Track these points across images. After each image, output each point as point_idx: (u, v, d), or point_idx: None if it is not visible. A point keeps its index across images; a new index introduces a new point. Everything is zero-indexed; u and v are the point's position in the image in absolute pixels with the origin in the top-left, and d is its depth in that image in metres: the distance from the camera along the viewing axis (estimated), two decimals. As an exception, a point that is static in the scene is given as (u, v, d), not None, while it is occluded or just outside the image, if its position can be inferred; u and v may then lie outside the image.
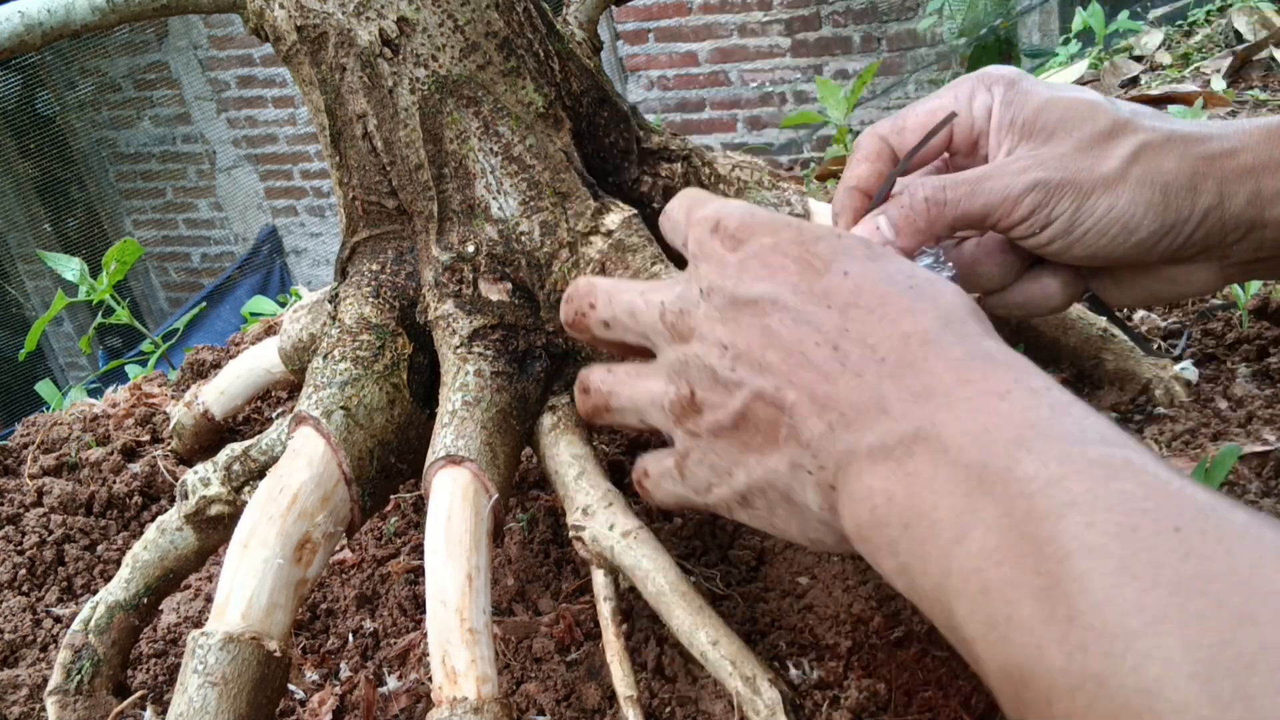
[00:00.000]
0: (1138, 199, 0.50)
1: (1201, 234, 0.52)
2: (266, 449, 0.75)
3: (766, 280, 0.45)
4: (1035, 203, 0.51)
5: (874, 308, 0.43)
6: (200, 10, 0.73)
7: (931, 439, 0.39)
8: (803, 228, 0.48)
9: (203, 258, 5.13)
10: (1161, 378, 0.81)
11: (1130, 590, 0.31)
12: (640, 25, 4.13)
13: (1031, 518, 0.34)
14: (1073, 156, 0.51)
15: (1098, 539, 0.32)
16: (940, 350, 0.41)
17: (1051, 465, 0.35)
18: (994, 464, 0.36)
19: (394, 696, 0.74)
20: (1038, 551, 0.33)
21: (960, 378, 0.40)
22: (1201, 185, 0.51)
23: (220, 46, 4.61)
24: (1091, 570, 0.32)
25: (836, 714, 0.61)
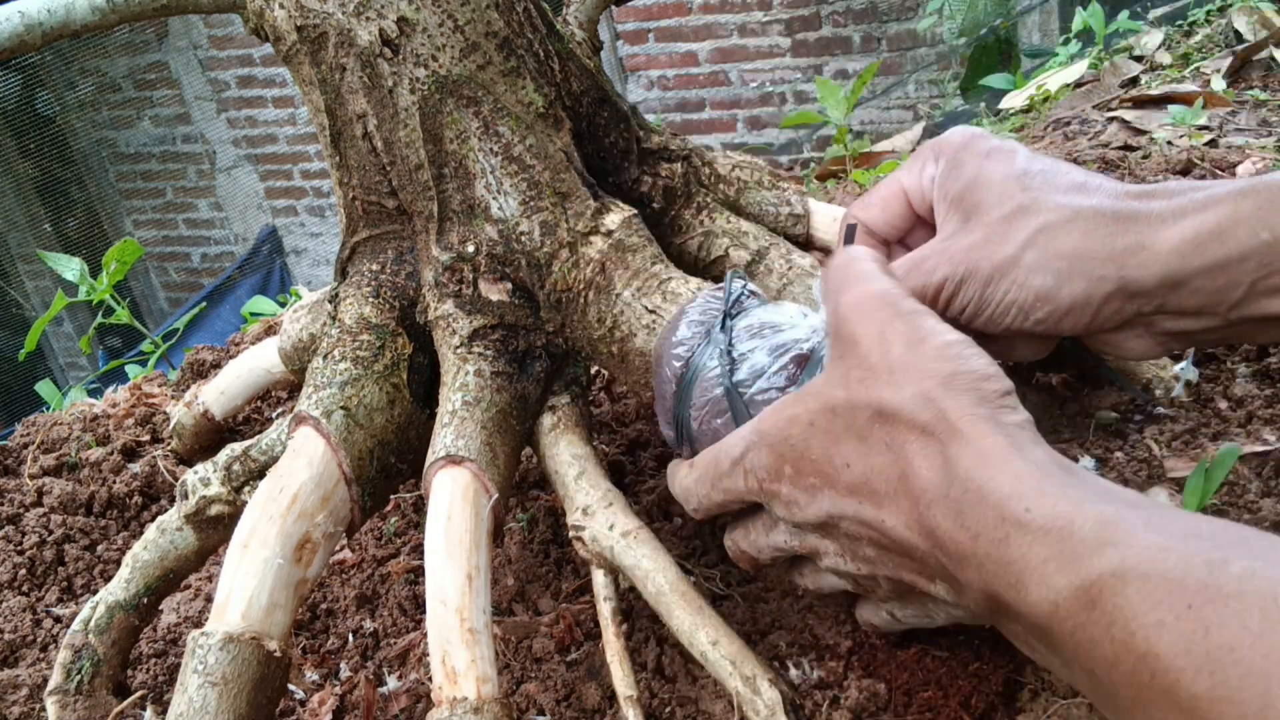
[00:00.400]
0: (1030, 282, 0.54)
1: (1109, 312, 0.54)
2: (266, 449, 0.75)
3: (813, 504, 0.51)
4: (948, 294, 0.57)
5: (884, 490, 0.48)
6: (200, 10, 0.73)
7: (999, 597, 0.43)
8: (791, 439, 0.52)
9: (203, 258, 5.13)
10: (1161, 378, 0.81)
11: (1184, 683, 0.35)
12: (640, 25, 4.13)
13: (1097, 647, 0.39)
14: (979, 245, 0.56)
15: (1149, 646, 0.36)
16: (939, 512, 0.45)
17: (1078, 596, 0.39)
18: (1060, 612, 0.40)
19: (394, 696, 0.74)
20: (1121, 676, 0.38)
21: (968, 534, 0.43)
22: (1096, 268, 0.53)
23: (220, 46, 4.61)
24: (1156, 673, 0.36)
25: (836, 714, 0.61)
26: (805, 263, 0.78)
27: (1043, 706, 0.59)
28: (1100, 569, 0.38)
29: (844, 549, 0.52)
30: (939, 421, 0.46)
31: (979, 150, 0.58)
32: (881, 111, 3.93)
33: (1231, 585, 0.35)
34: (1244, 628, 0.34)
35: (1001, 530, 0.41)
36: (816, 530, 0.53)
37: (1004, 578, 0.41)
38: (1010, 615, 0.43)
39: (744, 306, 0.62)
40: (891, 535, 0.48)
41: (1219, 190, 0.52)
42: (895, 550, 0.48)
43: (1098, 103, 1.45)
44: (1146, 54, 1.62)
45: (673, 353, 0.62)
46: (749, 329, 0.60)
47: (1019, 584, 0.40)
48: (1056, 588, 0.39)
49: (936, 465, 0.45)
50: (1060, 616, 0.39)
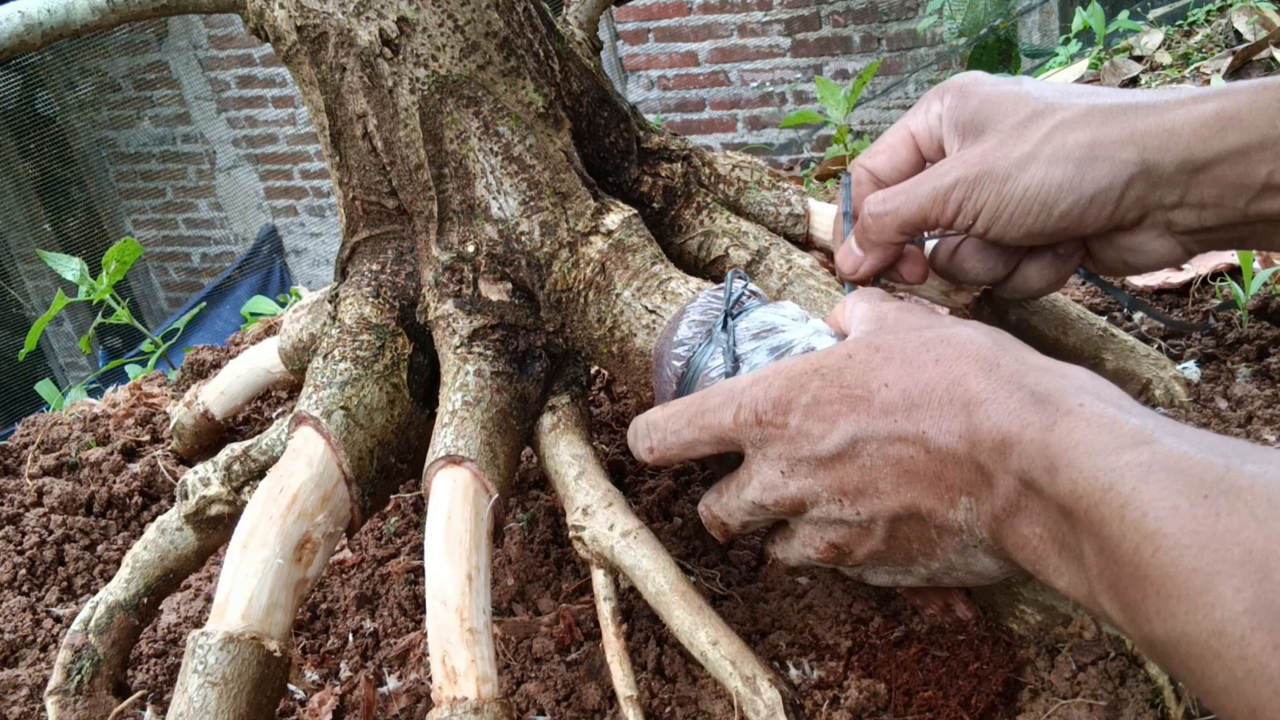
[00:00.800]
0: (1051, 174, 0.54)
1: (1131, 199, 0.54)
2: (266, 449, 0.75)
3: (833, 431, 0.51)
4: (960, 197, 0.56)
5: (928, 399, 0.48)
6: (200, 10, 0.73)
7: (1030, 483, 0.44)
8: (822, 369, 0.52)
9: (203, 258, 5.13)
10: (1161, 378, 0.81)
11: (1186, 559, 0.37)
12: (640, 25, 4.13)
13: (1106, 525, 0.40)
14: (994, 149, 0.55)
15: (1159, 525, 0.38)
16: (994, 406, 0.46)
17: (1101, 476, 0.40)
18: (1078, 489, 0.41)
19: (394, 696, 0.74)
20: (1124, 554, 0.40)
21: (1020, 422, 0.44)
22: (1117, 153, 0.53)
23: (220, 46, 4.61)
24: (1159, 549, 0.38)
25: (836, 714, 0.61)
26: (805, 263, 0.78)
27: (1043, 706, 0.59)
28: (1130, 459, 0.40)
29: (850, 486, 0.51)
30: (999, 351, 0.48)
31: (986, 81, 0.59)
32: (881, 111, 3.93)
33: (1244, 481, 0.37)
34: (1251, 514, 0.36)
35: (1051, 418, 0.43)
36: (822, 468, 0.52)
37: (1040, 461, 0.43)
38: (1036, 504, 0.44)
39: (744, 306, 0.62)
40: (931, 445, 0.48)
41: (1235, 84, 0.53)
42: (924, 467, 0.49)
43: (1098, 103, 1.45)
44: (1146, 54, 1.62)
45: (673, 353, 0.62)
46: (749, 329, 0.60)
47: (1051, 466, 0.42)
48: (1084, 470, 0.41)
49: (987, 377, 0.47)
50: (1078, 494, 0.41)
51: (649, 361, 0.68)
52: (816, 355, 0.53)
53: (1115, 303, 0.98)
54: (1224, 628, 0.36)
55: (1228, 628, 0.35)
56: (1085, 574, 0.42)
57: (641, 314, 0.68)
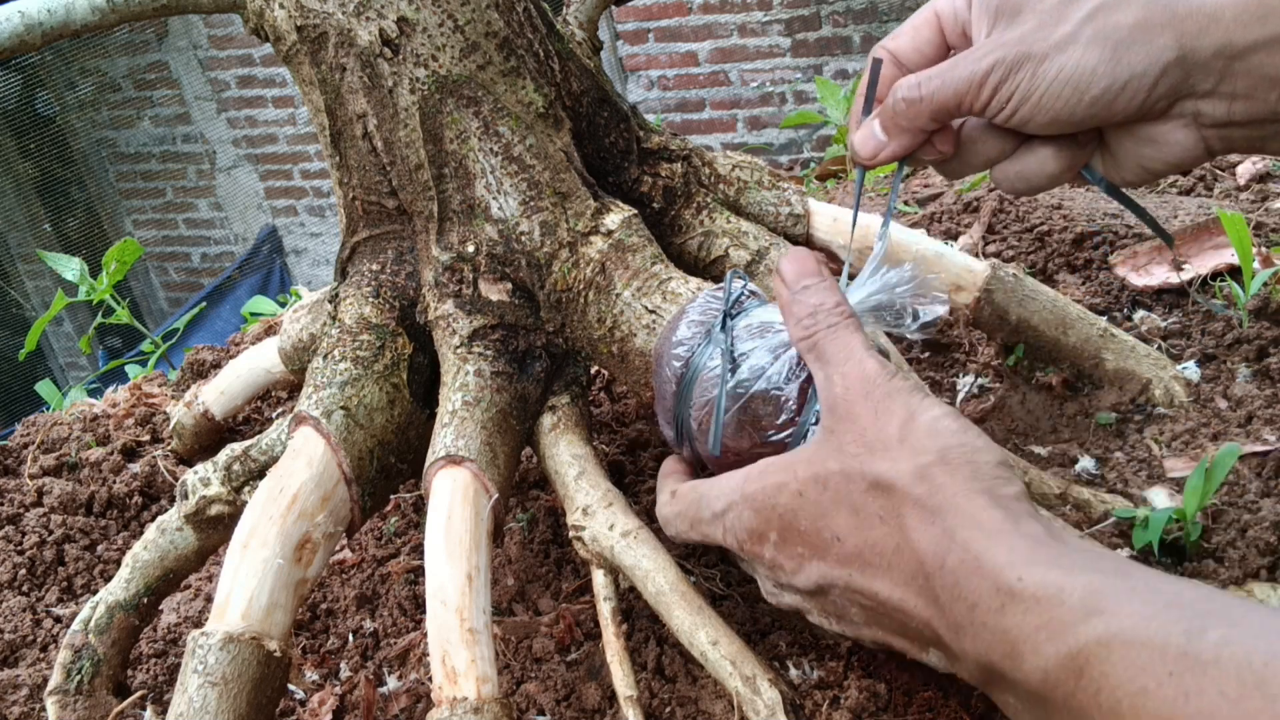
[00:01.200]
0: (1087, 57, 0.52)
1: (1164, 87, 0.53)
2: (266, 449, 0.75)
3: (800, 572, 0.52)
4: (997, 81, 0.54)
5: (879, 562, 0.48)
6: (200, 10, 0.73)
7: (995, 666, 0.44)
8: (779, 507, 0.52)
9: (203, 258, 5.13)
10: (1161, 378, 0.81)
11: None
12: (640, 25, 4.13)
13: (1086, 713, 0.40)
14: (1032, 31, 0.54)
15: (1135, 716, 0.38)
16: (937, 582, 0.46)
17: (1068, 664, 0.40)
18: (1050, 679, 0.41)
19: (394, 696, 0.74)
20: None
21: (968, 604, 0.44)
22: (1156, 37, 0.52)
23: (220, 46, 4.61)
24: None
25: (836, 714, 0.61)
26: (805, 263, 0.78)
27: (1043, 706, 0.59)
28: (1087, 637, 0.39)
29: (830, 611, 0.53)
30: (936, 494, 0.47)
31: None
32: (881, 111, 3.92)
33: (1209, 653, 0.36)
34: (1221, 694, 0.35)
35: (997, 600, 0.42)
36: (801, 595, 0.53)
37: (999, 647, 0.42)
38: (1006, 685, 0.44)
39: (744, 306, 0.62)
40: (887, 604, 0.48)
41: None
42: (888, 617, 0.49)
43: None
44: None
45: (673, 353, 0.62)
46: (749, 329, 0.60)
47: (1014, 653, 0.42)
48: (1047, 655, 0.40)
49: (934, 536, 0.46)
50: (1051, 684, 0.40)
51: (649, 361, 0.68)
52: (774, 485, 0.53)
53: (1115, 303, 0.98)
54: None
55: None
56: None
57: (641, 314, 0.68)
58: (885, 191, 1.39)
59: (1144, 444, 0.78)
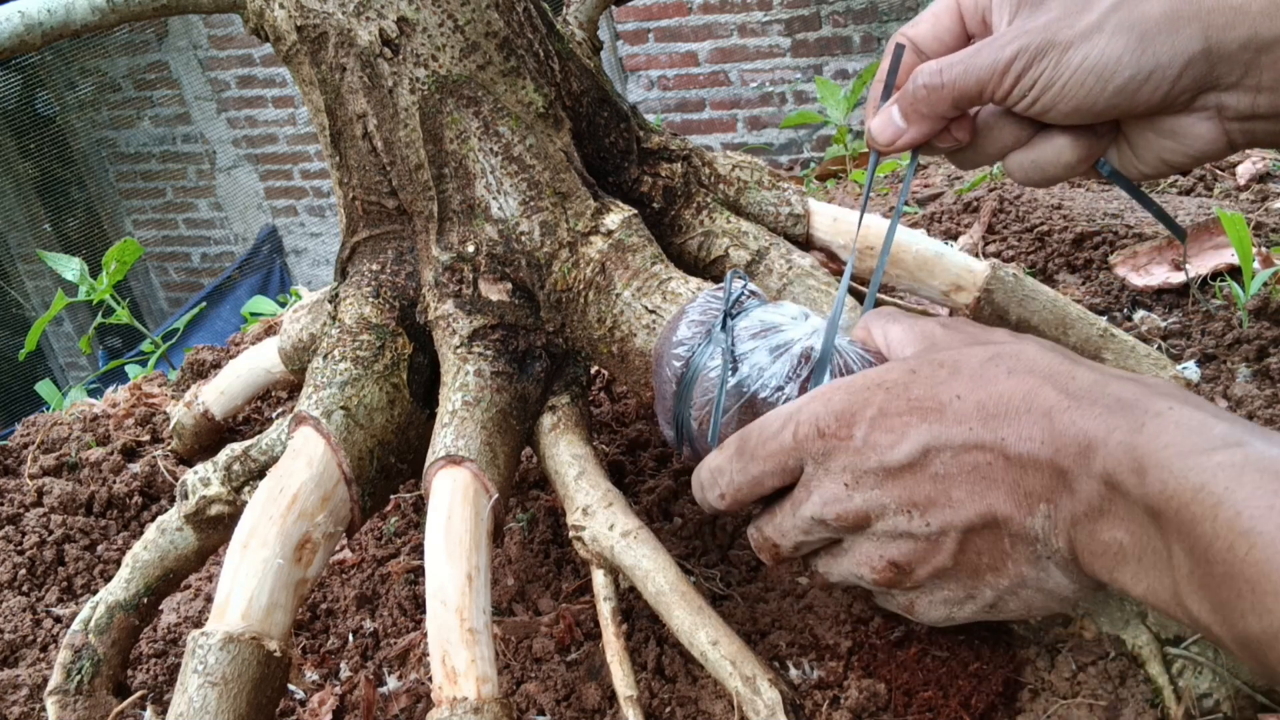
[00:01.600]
0: (1112, 46, 0.52)
1: (1188, 79, 0.53)
2: (266, 449, 0.75)
3: (903, 441, 0.49)
4: (1020, 69, 0.54)
5: (1005, 409, 0.48)
6: (200, 10, 0.73)
7: (1115, 486, 0.44)
8: (885, 383, 0.51)
9: (203, 258, 5.13)
10: (1161, 378, 0.81)
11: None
12: (640, 25, 4.13)
13: (1198, 525, 0.40)
14: (1057, 20, 0.54)
15: (1253, 524, 0.38)
16: (1077, 411, 0.45)
17: (1192, 476, 0.40)
18: (1168, 489, 0.41)
19: (394, 696, 0.74)
20: (1216, 553, 0.40)
21: (1106, 426, 0.44)
22: (1183, 28, 0.52)
23: (220, 46, 4.61)
24: (1255, 546, 0.38)
25: (836, 714, 0.61)
26: (805, 263, 0.78)
27: (1043, 706, 0.59)
28: (1222, 460, 0.40)
29: (920, 495, 0.50)
30: (1066, 363, 0.48)
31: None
32: (881, 111, 3.91)
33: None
34: None
35: (1138, 420, 0.43)
36: (890, 479, 0.50)
37: (1127, 463, 0.42)
38: (1121, 508, 0.44)
39: (744, 306, 0.62)
40: (1010, 451, 0.47)
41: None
42: (1002, 474, 0.48)
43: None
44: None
45: (673, 353, 0.62)
46: (749, 329, 0.60)
47: (1140, 468, 0.42)
48: (1175, 470, 0.41)
49: (1065, 386, 0.47)
50: (1168, 494, 0.41)
51: (649, 361, 0.68)
52: (876, 371, 0.52)
53: (1115, 303, 0.98)
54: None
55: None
56: (1171, 576, 0.42)
57: (641, 314, 0.68)
58: (885, 191, 1.39)
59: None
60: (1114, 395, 0.45)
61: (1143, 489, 0.42)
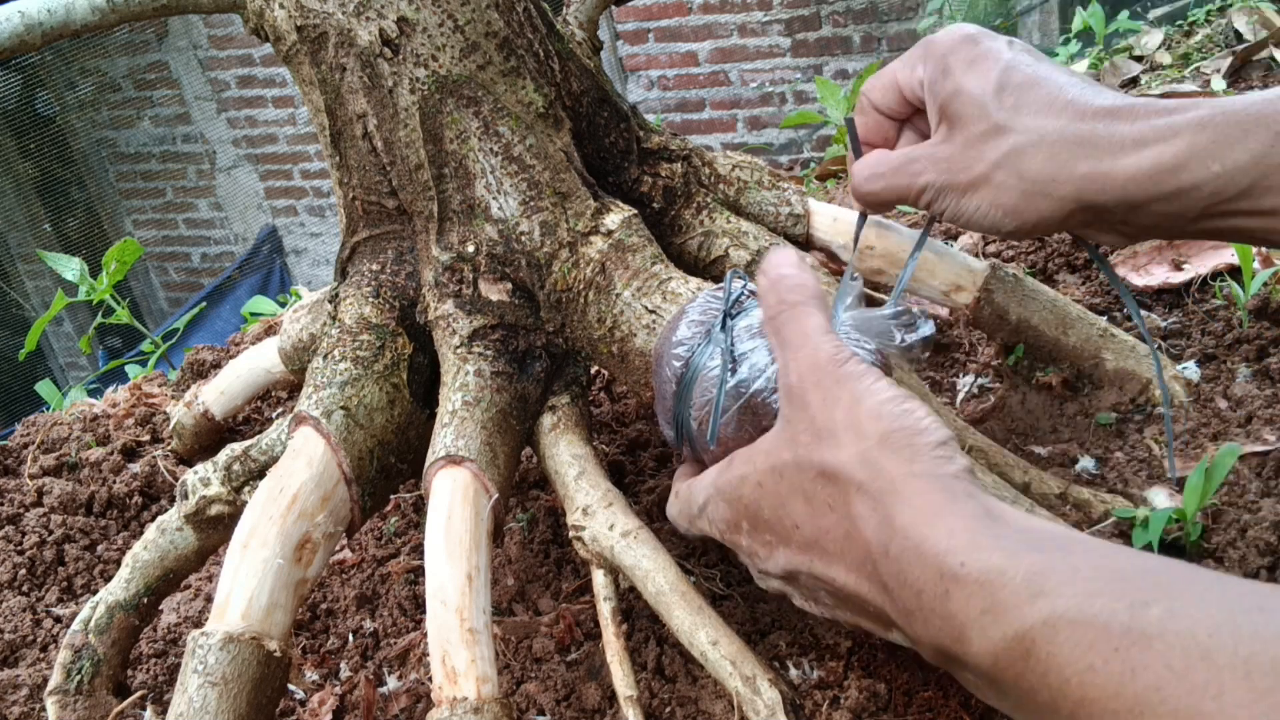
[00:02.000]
0: (999, 198, 0.59)
1: (1073, 224, 0.59)
2: (266, 449, 0.75)
3: (773, 558, 0.53)
4: (929, 198, 0.62)
5: (835, 549, 0.49)
6: (200, 10, 0.73)
7: (947, 650, 0.44)
8: (744, 499, 0.54)
9: (203, 258, 5.13)
10: (1161, 378, 0.81)
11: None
12: (640, 25, 4.13)
13: (1035, 694, 0.40)
14: (958, 157, 0.60)
15: (1083, 691, 0.38)
16: (883, 569, 0.46)
17: (1014, 646, 0.40)
18: (996, 662, 0.42)
19: (394, 696, 0.74)
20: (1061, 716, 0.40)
21: (914, 590, 0.45)
22: (1059, 189, 0.57)
23: (220, 46, 4.61)
24: (1091, 715, 0.38)
25: (836, 714, 0.61)
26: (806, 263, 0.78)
27: (1043, 706, 0.59)
28: (1032, 619, 0.39)
29: (805, 595, 0.54)
30: (877, 479, 0.47)
31: (965, 57, 0.61)
32: (881, 111, 3.91)
33: (1154, 627, 0.37)
34: (1168, 667, 0.35)
35: (941, 586, 0.43)
36: (779, 579, 0.55)
37: (948, 631, 0.43)
38: (960, 665, 0.44)
39: (744, 306, 0.62)
40: (844, 590, 0.49)
41: (1179, 120, 0.54)
42: (850, 601, 0.50)
43: (1098, 103, 1.45)
44: (1146, 54, 1.62)
45: (673, 353, 0.62)
46: (749, 329, 0.60)
47: (961, 637, 0.42)
48: (994, 638, 0.41)
49: (876, 523, 0.47)
50: (1001, 666, 0.41)
51: (649, 361, 0.68)
52: (738, 475, 0.54)
53: (1115, 303, 0.98)
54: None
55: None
56: (1025, 713, 0.43)
57: (641, 314, 0.68)
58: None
59: (1144, 444, 0.78)
60: (916, 544, 0.45)
61: (970, 656, 0.42)
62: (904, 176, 0.62)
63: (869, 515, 0.47)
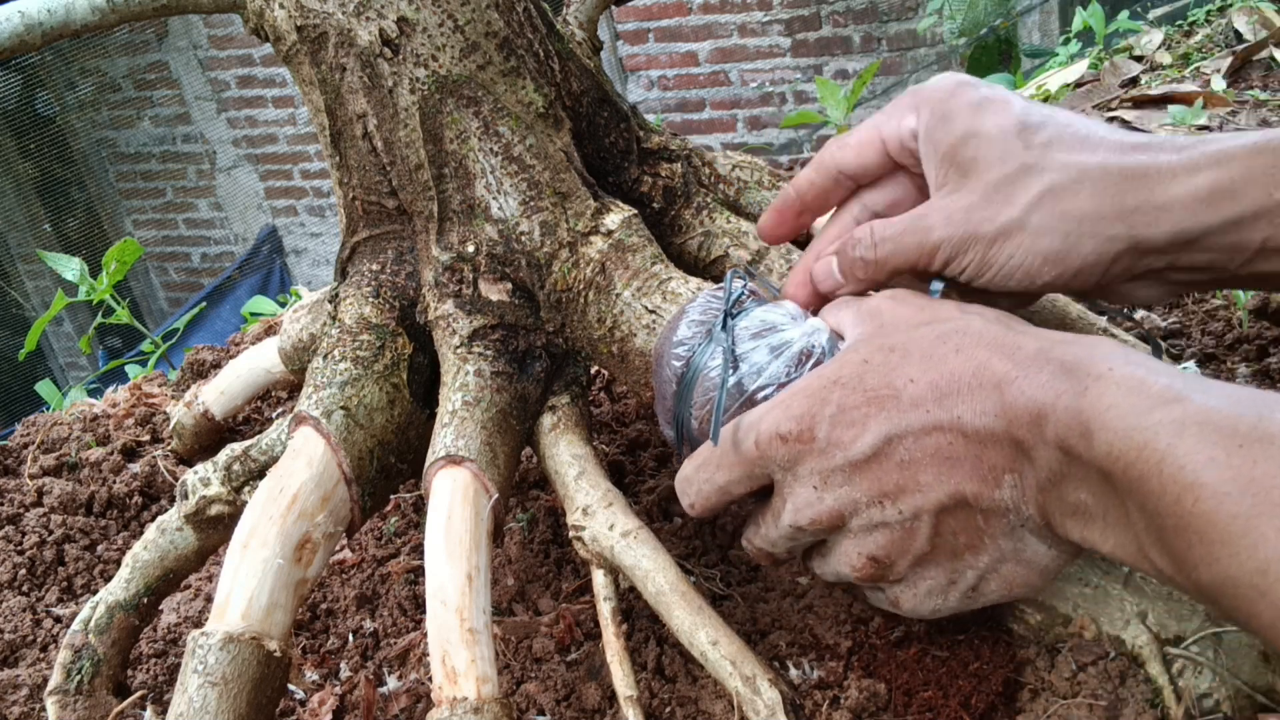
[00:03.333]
0: (1037, 245, 0.53)
1: (1118, 269, 0.53)
2: (266, 449, 0.75)
3: (864, 434, 0.50)
4: (946, 256, 0.55)
5: (957, 388, 0.48)
6: (200, 10, 0.73)
7: (1069, 450, 0.44)
8: (840, 379, 0.51)
9: (203, 258, 5.13)
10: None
11: (1227, 505, 0.39)
12: (640, 25, 4.13)
13: (1145, 482, 0.42)
14: (980, 205, 0.54)
15: (1196, 476, 0.40)
16: (1025, 381, 0.46)
17: (1135, 436, 0.42)
18: (1115, 450, 0.42)
19: (394, 696, 0.74)
20: (1165, 506, 0.41)
21: (1052, 392, 0.45)
22: (1108, 228, 0.52)
23: (220, 46, 4.61)
24: (1199, 499, 0.40)
25: (836, 714, 0.61)
26: (805, 263, 0.78)
27: (1043, 706, 0.59)
28: (1164, 418, 0.41)
29: (888, 484, 0.50)
30: (1010, 334, 0.49)
31: (969, 100, 0.56)
32: (881, 111, 3.92)
33: (1276, 429, 0.39)
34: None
35: (1081, 384, 0.44)
36: (857, 473, 0.50)
37: (1075, 427, 0.43)
38: (1079, 472, 0.45)
39: (744, 306, 0.62)
40: (967, 428, 0.47)
41: (1231, 145, 0.51)
42: (963, 452, 0.48)
43: (1098, 103, 1.45)
44: (1146, 54, 1.62)
45: (673, 353, 0.62)
46: (749, 328, 0.60)
47: (1087, 431, 0.43)
48: (1119, 431, 0.42)
49: (1012, 357, 0.47)
50: (1124, 464, 0.42)
51: (649, 361, 0.68)
52: (830, 366, 0.52)
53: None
54: (1268, 566, 0.37)
55: (1271, 566, 0.37)
56: (1132, 531, 0.43)
57: (641, 314, 0.68)
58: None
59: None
60: (1059, 360, 0.46)
61: (1092, 451, 0.43)
62: (914, 235, 0.55)
63: (1003, 353, 0.48)
